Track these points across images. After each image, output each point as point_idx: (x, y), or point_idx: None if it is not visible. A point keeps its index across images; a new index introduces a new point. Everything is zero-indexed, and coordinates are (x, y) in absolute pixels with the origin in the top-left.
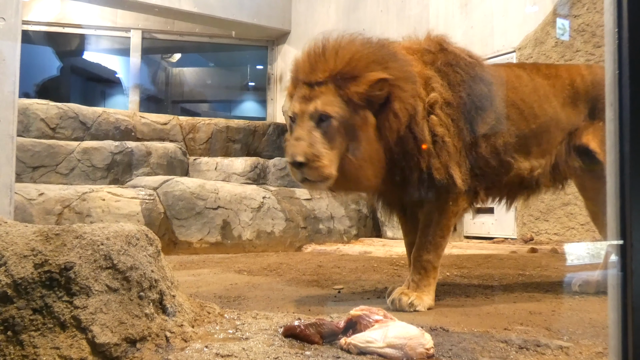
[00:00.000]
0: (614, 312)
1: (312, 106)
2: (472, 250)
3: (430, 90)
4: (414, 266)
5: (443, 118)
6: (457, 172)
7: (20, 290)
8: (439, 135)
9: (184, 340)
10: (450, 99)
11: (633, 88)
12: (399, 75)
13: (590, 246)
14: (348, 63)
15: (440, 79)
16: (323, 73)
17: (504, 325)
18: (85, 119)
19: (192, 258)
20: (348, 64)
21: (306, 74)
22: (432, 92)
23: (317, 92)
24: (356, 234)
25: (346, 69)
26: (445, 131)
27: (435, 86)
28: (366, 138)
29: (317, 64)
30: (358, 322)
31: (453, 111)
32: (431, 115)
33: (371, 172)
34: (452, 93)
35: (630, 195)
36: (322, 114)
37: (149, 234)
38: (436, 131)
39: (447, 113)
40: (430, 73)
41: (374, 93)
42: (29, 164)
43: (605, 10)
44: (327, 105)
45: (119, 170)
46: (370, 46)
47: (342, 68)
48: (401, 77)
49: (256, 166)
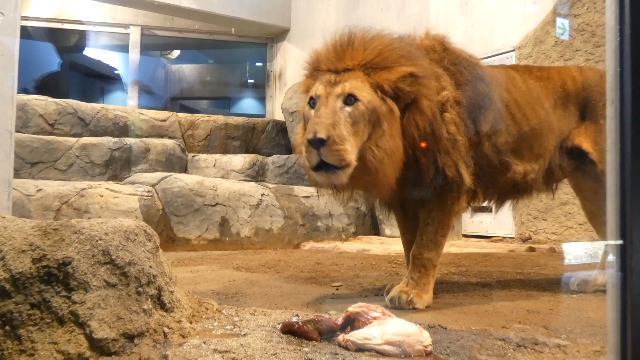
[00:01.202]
0: (613, 310)
1: (339, 88)
2: (471, 249)
3: (441, 88)
4: (414, 264)
5: (454, 116)
6: (465, 171)
7: (19, 285)
8: (451, 133)
9: (182, 336)
10: (459, 97)
11: (635, 85)
12: (426, 72)
13: (588, 245)
14: (379, 54)
15: (448, 78)
16: (352, 61)
17: (502, 324)
18: (84, 115)
19: (191, 255)
20: (379, 55)
21: (332, 62)
22: (443, 91)
23: (345, 77)
24: (354, 231)
25: (377, 59)
26: (456, 130)
27: (445, 84)
28: (390, 131)
29: (345, 54)
30: (356, 319)
31: (461, 110)
32: (444, 114)
33: (390, 169)
34: (459, 92)
35: (631, 194)
36: (350, 94)
37: (148, 230)
38: (449, 129)
39: (457, 111)
40: (440, 71)
41: (403, 86)
42: (28, 159)
43: (606, 7)
44: (355, 88)
45: (117, 167)
46: (400, 42)
47: (373, 58)
48: (427, 74)
49: (255, 163)
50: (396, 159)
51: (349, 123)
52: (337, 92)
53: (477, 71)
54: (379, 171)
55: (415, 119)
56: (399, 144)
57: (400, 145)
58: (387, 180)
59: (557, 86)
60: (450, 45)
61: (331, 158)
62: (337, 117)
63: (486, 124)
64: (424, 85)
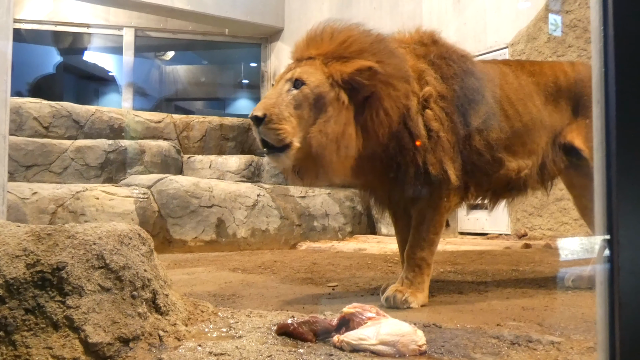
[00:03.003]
0: (601, 307)
1: (290, 73)
2: (466, 247)
3: (425, 83)
4: (408, 263)
5: (438, 112)
6: (451, 168)
7: (12, 290)
8: (434, 130)
9: (177, 339)
10: (444, 92)
11: (619, 85)
12: (394, 73)
13: (583, 241)
14: (340, 45)
15: (433, 72)
16: (315, 50)
17: (497, 321)
18: (79, 118)
19: (187, 256)
20: (340, 46)
21: (299, 52)
22: (426, 86)
23: (302, 64)
24: (351, 231)
25: (338, 50)
26: (440, 126)
27: (429, 79)
28: (337, 118)
29: (312, 43)
30: (351, 320)
31: (447, 105)
32: (426, 110)
33: (335, 156)
34: (445, 86)
35: (617, 192)
36: (298, 79)
37: (142, 233)
38: (431, 126)
39: (441, 107)
40: (424, 66)
41: (359, 79)
42: (22, 162)
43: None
44: (304, 72)
45: (112, 169)
46: (368, 37)
47: (334, 49)
48: (396, 75)
49: (250, 164)
50: (342, 146)
51: (292, 105)
52: (287, 76)
53: (467, 65)
54: (323, 157)
55: (379, 117)
56: (348, 132)
57: (350, 135)
58: (333, 166)
59: (550, 81)
60: (439, 39)
61: (270, 137)
62: (280, 98)
63: (477, 119)
64: (390, 85)
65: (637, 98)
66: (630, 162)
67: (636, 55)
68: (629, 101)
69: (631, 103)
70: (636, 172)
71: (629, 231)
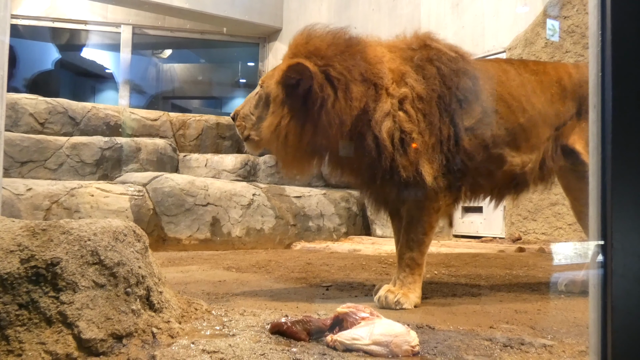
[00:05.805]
0: (594, 311)
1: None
2: (460, 249)
3: (403, 85)
4: (399, 264)
5: (412, 114)
6: (428, 169)
7: (6, 285)
8: (407, 131)
9: (171, 337)
10: (423, 93)
11: (615, 91)
12: (344, 74)
13: (576, 246)
14: (294, 47)
15: (414, 74)
16: (288, 52)
17: (490, 324)
18: (75, 114)
19: (181, 255)
20: (294, 48)
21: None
22: (403, 88)
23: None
24: (346, 231)
25: (292, 52)
26: (413, 127)
27: (408, 81)
28: (275, 112)
29: (290, 46)
30: (344, 320)
31: (425, 105)
32: (398, 112)
33: (281, 146)
34: (425, 87)
35: (612, 197)
36: (262, 81)
37: (137, 230)
38: (404, 127)
39: (417, 108)
40: (406, 69)
41: (289, 76)
42: (17, 158)
43: (589, 12)
44: (267, 75)
45: (108, 166)
46: (333, 40)
47: (291, 51)
48: (346, 76)
49: (246, 163)
50: (281, 137)
51: (253, 104)
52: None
53: (458, 65)
54: (270, 146)
55: (320, 115)
56: (283, 125)
57: (283, 127)
58: (282, 156)
59: (553, 81)
60: (432, 42)
61: (238, 131)
62: (250, 99)
63: (468, 119)
64: (340, 89)
65: (634, 103)
66: (626, 167)
67: (633, 60)
68: (626, 106)
69: (627, 108)
70: (631, 177)
71: (623, 236)
